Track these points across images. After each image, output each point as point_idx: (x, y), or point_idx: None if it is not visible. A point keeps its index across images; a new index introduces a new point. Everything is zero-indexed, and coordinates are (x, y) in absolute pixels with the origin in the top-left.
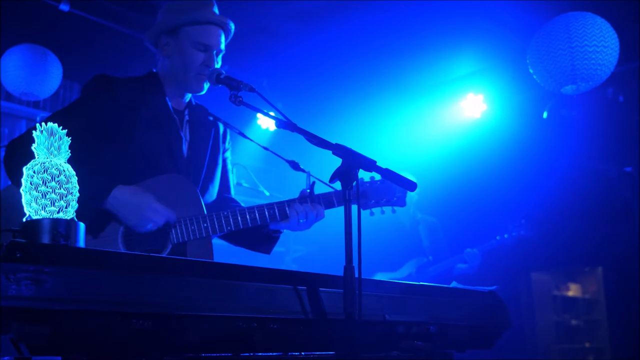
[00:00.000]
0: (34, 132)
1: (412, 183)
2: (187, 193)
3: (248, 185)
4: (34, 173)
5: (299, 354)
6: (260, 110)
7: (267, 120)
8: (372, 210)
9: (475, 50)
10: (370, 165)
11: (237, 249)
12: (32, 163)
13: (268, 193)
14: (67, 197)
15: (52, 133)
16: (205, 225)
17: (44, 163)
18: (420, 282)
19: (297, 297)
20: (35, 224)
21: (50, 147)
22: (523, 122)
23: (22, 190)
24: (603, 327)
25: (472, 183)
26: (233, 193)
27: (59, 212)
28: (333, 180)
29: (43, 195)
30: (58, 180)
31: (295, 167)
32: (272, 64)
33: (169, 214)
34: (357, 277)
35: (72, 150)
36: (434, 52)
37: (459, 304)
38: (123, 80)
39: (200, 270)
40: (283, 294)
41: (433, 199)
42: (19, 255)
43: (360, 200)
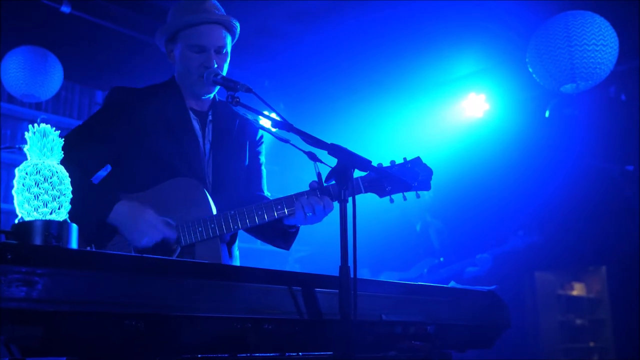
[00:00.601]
0: (26, 133)
1: (409, 185)
2: (195, 195)
3: None
4: (27, 174)
5: (296, 355)
6: (257, 111)
7: (267, 121)
8: (391, 197)
9: (477, 50)
10: (366, 165)
11: (262, 251)
12: (24, 164)
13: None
14: (59, 198)
15: (44, 134)
16: (213, 226)
17: (37, 164)
18: (430, 283)
19: (292, 297)
20: (27, 226)
21: (43, 148)
22: (525, 121)
23: (14, 192)
24: (607, 326)
25: (474, 184)
26: (266, 189)
27: (52, 213)
28: (329, 180)
29: (35, 197)
30: (51, 182)
31: (313, 157)
32: (273, 65)
33: (167, 231)
34: (352, 277)
35: (87, 162)
36: (435, 51)
37: (458, 304)
38: (141, 90)
39: (194, 271)
40: (278, 295)
41: (435, 200)
42: (10, 257)
43: (375, 188)
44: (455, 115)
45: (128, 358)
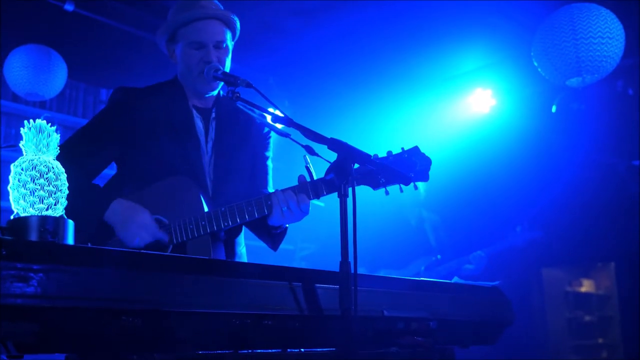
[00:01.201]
0: (22, 129)
1: (406, 177)
2: (188, 194)
3: None
4: (22, 170)
5: (298, 351)
6: (258, 106)
7: (267, 116)
8: (387, 189)
9: (484, 44)
10: (365, 159)
11: (269, 248)
12: (20, 160)
13: (272, 190)
14: (55, 194)
15: (40, 130)
16: (203, 223)
17: (32, 160)
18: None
19: (292, 293)
20: (23, 221)
21: (39, 144)
22: (532, 117)
23: (9, 188)
24: (616, 323)
25: (480, 180)
26: (271, 186)
27: (48, 209)
28: (328, 175)
29: (31, 193)
30: (47, 177)
31: (311, 151)
32: (277, 61)
33: (159, 233)
34: (353, 272)
35: (88, 163)
36: (441, 46)
37: (461, 300)
38: (143, 90)
39: (192, 267)
40: (278, 291)
41: (440, 197)
42: (5, 253)
43: (369, 179)
44: (462, 111)
45: (126, 354)
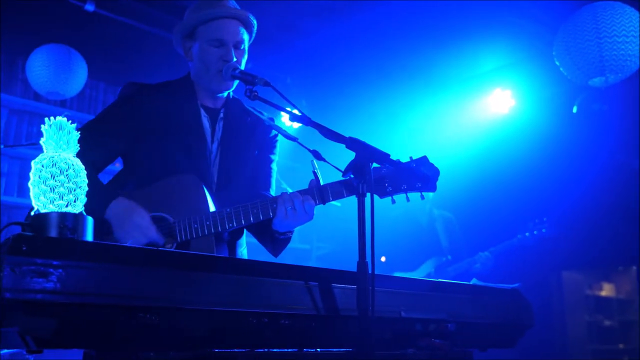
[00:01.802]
0: (42, 126)
1: (424, 173)
2: (194, 193)
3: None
4: (43, 167)
5: (315, 351)
6: (275, 105)
7: (285, 115)
8: (393, 198)
9: (504, 44)
10: (384, 158)
11: (259, 246)
12: (40, 157)
13: (290, 190)
14: (75, 191)
15: (61, 127)
16: (208, 224)
17: (53, 157)
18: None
19: (309, 293)
20: (43, 218)
21: (59, 141)
22: (553, 117)
23: (30, 184)
24: (637, 328)
25: (499, 181)
26: (274, 190)
27: (67, 206)
28: (346, 174)
29: (51, 189)
30: (67, 174)
31: (318, 156)
32: (295, 60)
33: (154, 234)
34: (370, 272)
35: (96, 157)
36: (460, 45)
37: (480, 302)
38: (154, 86)
39: (209, 265)
40: (295, 290)
41: (460, 197)
42: (25, 249)
43: (375, 187)
44: (480, 112)
45: (142, 351)
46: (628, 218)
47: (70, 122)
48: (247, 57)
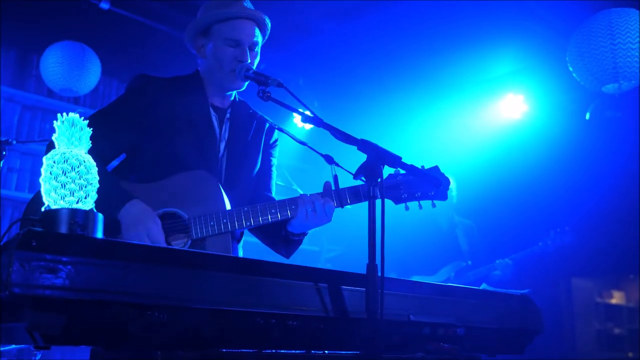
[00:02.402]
0: (55, 122)
1: (438, 182)
2: (210, 189)
3: (282, 184)
4: (54, 163)
5: (322, 353)
6: (288, 106)
7: (297, 117)
8: (407, 205)
9: (516, 48)
10: (396, 161)
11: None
12: (52, 153)
13: (301, 191)
14: (86, 188)
15: (73, 124)
16: (225, 221)
17: (65, 153)
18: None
19: (317, 294)
20: (53, 214)
21: (71, 137)
22: (565, 123)
23: (41, 180)
24: None
25: (510, 187)
26: (274, 192)
27: (78, 202)
28: (357, 177)
29: (62, 186)
30: (78, 171)
31: (330, 160)
32: (308, 62)
33: (162, 244)
34: (380, 275)
35: (105, 149)
36: (472, 49)
37: (489, 307)
38: (164, 80)
39: (219, 264)
40: (303, 291)
41: (470, 203)
42: (35, 244)
43: (391, 193)
44: (492, 117)
45: (150, 349)
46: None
47: (83, 118)
48: (259, 58)
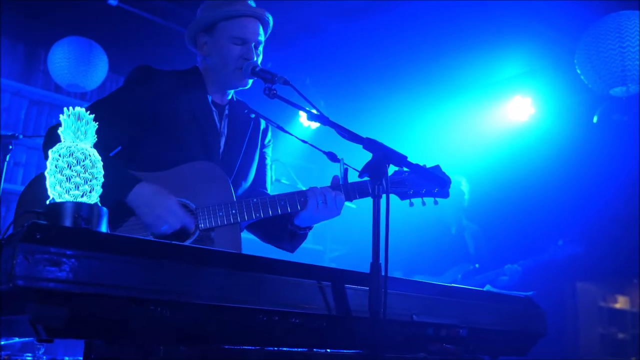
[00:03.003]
0: (61, 115)
1: (443, 180)
2: (217, 180)
3: (287, 182)
4: (60, 156)
5: (324, 351)
6: (294, 104)
7: (303, 114)
8: (411, 201)
9: (524, 51)
10: (401, 161)
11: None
12: (58, 146)
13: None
14: (91, 181)
15: (79, 117)
16: (234, 212)
17: (70, 147)
18: None
19: (321, 292)
20: (58, 207)
21: (77, 131)
22: (573, 126)
23: (46, 173)
24: None
25: (517, 190)
26: (269, 188)
27: (83, 196)
28: (362, 175)
29: (67, 179)
30: (83, 165)
31: (333, 158)
32: (315, 62)
33: (187, 219)
34: (383, 274)
35: (108, 136)
36: (480, 51)
37: (493, 309)
38: (165, 72)
39: (222, 260)
40: (306, 289)
41: (476, 206)
42: (39, 237)
43: (398, 190)
44: (499, 119)
45: (152, 344)
46: None
47: (89, 113)
48: (262, 57)
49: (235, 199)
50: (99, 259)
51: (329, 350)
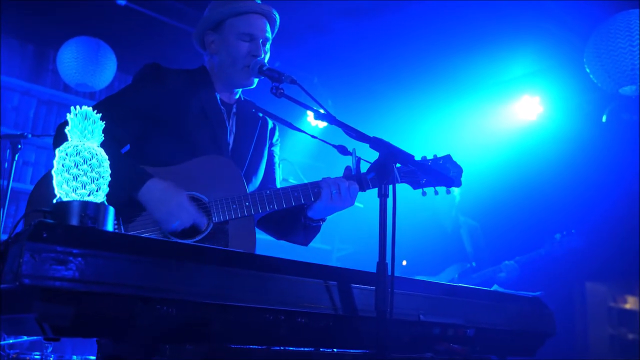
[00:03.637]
0: (68, 114)
1: (449, 179)
2: (230, 173)
3: (295, 181)
4: (67, 155)
5: (331, 351)
6: (301, 103)
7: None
8: (424, 190)
9: (533, 50)
10: (408, 160)
11: (281, 245)
12: (65, 145)
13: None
14: (98, 180)
15: (86, 117)
16: (248, 204)
17: (77, 146)
18: None
19: (327, 292)
20: (65, 206)
21: (84, 130)
22: (582, 125)
23: (53, 172)
24: None
25: (524, 188)
26: (278, 185)
27: (90, 195)
28: (369, 174)
29: (74, 178)
30: (90, 164)
31: (344, 151)
32: (323, 61)
33: (199, 215)
34: (390, 274)
35: (118, 132)
36: (488, 50)
37: (501, 309)
38: (174, 71)
39: (228, 260)
40: (313, 288)
41: (484, 204)
42: (46, 236)
43: (410, 179)
44: (507, 118)
45: (158, 343)
46: None
47: (96, 112)
48: (269, 55)
49: (255, 191)
50: (105, 258)
51: (336, 350)
